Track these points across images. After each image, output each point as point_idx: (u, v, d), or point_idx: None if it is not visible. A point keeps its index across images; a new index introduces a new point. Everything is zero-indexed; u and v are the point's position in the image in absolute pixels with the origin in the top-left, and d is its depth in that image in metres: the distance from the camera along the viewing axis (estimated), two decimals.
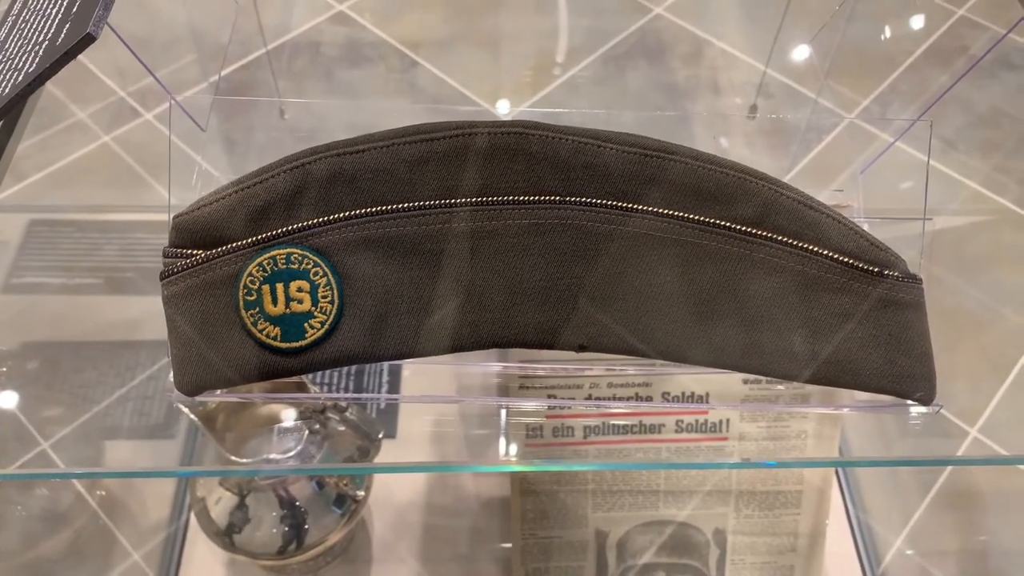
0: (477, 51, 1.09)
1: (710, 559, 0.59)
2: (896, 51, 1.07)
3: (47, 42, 0.30)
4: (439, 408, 0.72)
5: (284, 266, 0.31)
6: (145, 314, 0.82)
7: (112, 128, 0.97)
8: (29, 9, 0.33)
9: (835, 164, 0.88)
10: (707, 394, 0.56)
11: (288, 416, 0.56)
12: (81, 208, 0.91)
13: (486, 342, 0.31)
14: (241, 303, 0.31)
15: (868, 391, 0.32)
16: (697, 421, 0.56)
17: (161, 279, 0.32)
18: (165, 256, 0.33)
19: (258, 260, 0.31)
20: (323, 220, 0.31)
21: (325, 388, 0.68)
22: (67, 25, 0.29)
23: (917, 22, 1.11)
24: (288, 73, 1.03)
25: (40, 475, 0.69)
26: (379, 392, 0.70)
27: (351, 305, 0.31)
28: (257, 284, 0.31)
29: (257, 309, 0.31)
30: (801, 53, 0.98)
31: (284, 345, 0.31)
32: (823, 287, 0.31)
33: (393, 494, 0.69)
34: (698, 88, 1.05)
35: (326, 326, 0.31)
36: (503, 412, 0.56)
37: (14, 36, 0.33)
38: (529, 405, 0.53)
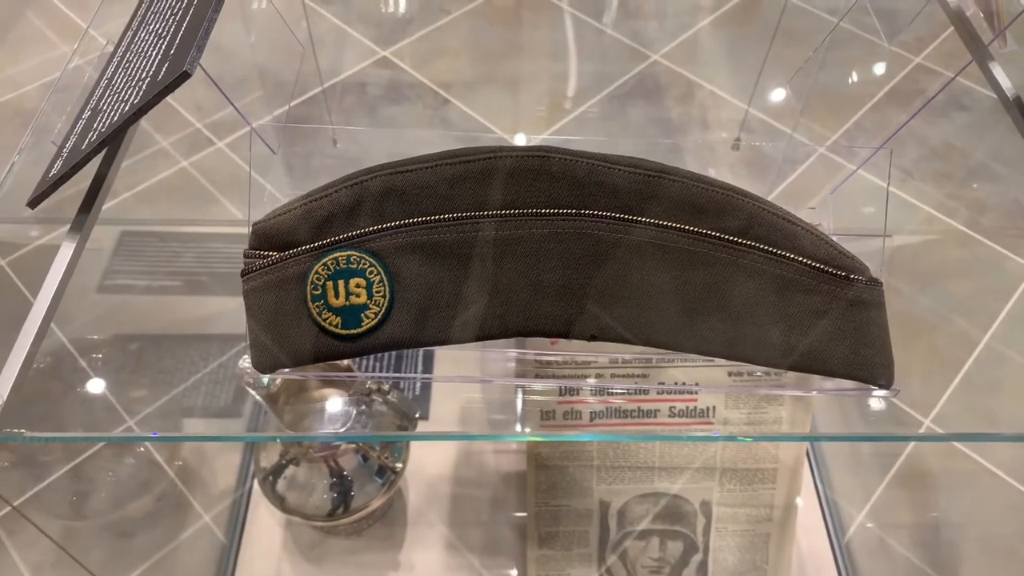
0: (499, 91, 1.10)
1: (697, 527, 0.59)
2: (861, 93, 1.07)
3: (149, 78, 0.31)
4: (466, 395, 0.73)
5: (345, 266, 0.31)
6: (216, 312, 0.83)
7: (190, 155, 0.99)
8: (132, 51, 0.34)
9: (807, 190, 0.89)
10: (696, 384, 0.56)
11: (339, 398, 0.57)
12: (163, 222, 0.92)
13: (511, 332, 0.32)
14: (308, 296, 0.32)
15: (836, 377, 0.33)
16: (688, 407, 0.56)
17: (242, 276, 0.33)
18: (245, 257, 0.34)
19: (323, 260, 0.32)
20: (377, 228, 0.32)
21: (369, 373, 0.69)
22: (166, 64, 0.30)
23: (879, 68, 1.11)
24: (339, 109, 1.05)
25: (139, 438, 0.70)
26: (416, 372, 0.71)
27: (400, 299, 0.32)
28: (322, 280, 0.32)
29: (322, 302, 0.32)
30: (779, 95, 0.98)
31: (344, 332, 0.32)
32: (798, 288, 0.32)
33: (425, 468, 0.69)
34: (689, 123, 1.06)
35: (379, 316, 0.32)
36: (520, 397, 0.56)
37: (120, 73, 0.34)
38: (543, 386, 0.53)
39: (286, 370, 0.33)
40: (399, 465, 0.61)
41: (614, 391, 0.56)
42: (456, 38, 1.17)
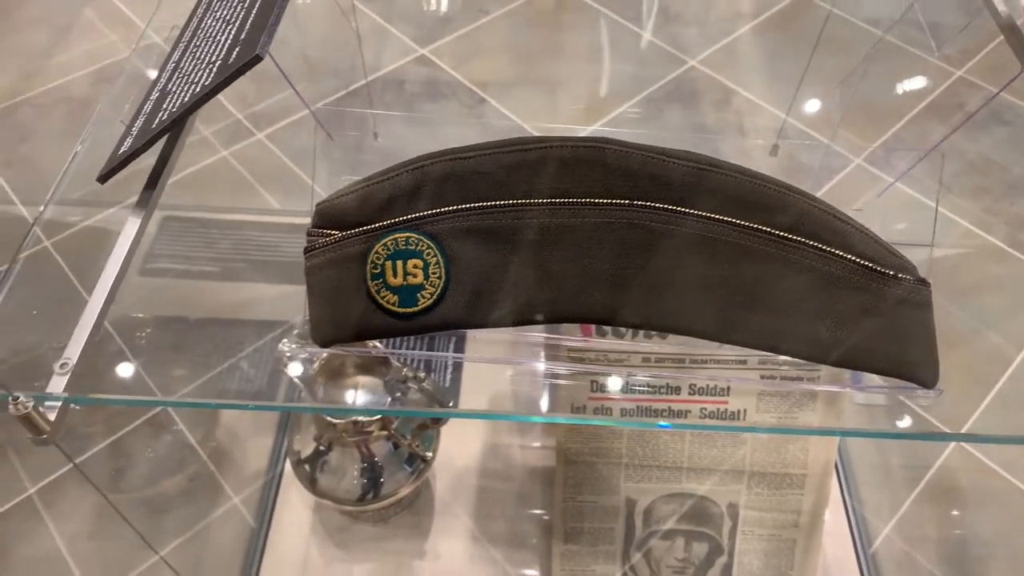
0: (535, 91, 1.11)
1: (723, 529, 0.60)
2: (900, 104, 1.07)
3: (219, 61, 0.32)
4: (495, 388, 0.73)
5: (404, 247, 0.32)
6: (251, 299, 0.85)
7: (230, 144, 1.01)
8: (199, 36, 0.35)
9: (843, 199, 0.88)
10: (728, 387, 0.56)
11: (375, 383, 0.57)
12: (202, 208, 0.94)
13: (560, 317, 0.33)
14: (368, 275, 0.33)
15: (881, 375, 0.33)
16: (718, 409, 0.56)
17: (305, 253, 0.34)
18: (308, 235, 0.35)
19: (383, 241, 0.33)
20: (436, 211, 0.33)
21: (401, 360, 0.69)
22: (236, 48, 0.32)
23: (920, 80, 1.11)
24: (379, 103, 1.06)
25: (196, 404, 0.71)
26: (447, 364, 0.71)
27: (454, 281, 0.33)
28: (382, 260, 0.32)
29: (381, 280, 0.33)
30: (817, 103, 0.98)
31: (400, 310, 0.33)
32: (846, 285, 0.32)
33: (453, 459, 0.70)
34: (726, 129, 1.06)
35: (434, 297, 0.32)
36: (548, 388, 0.57)
37: (187, 57, 0.35)
38: (571, 370, 0.54)
39: (341, 345, 0.34)
40: (429, 454, 0.62)
41: (640, 388, 0.56)
42: (494, 38, 1.18)
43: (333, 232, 0.34)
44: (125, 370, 0.74)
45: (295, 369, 0.55)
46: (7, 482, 0.72)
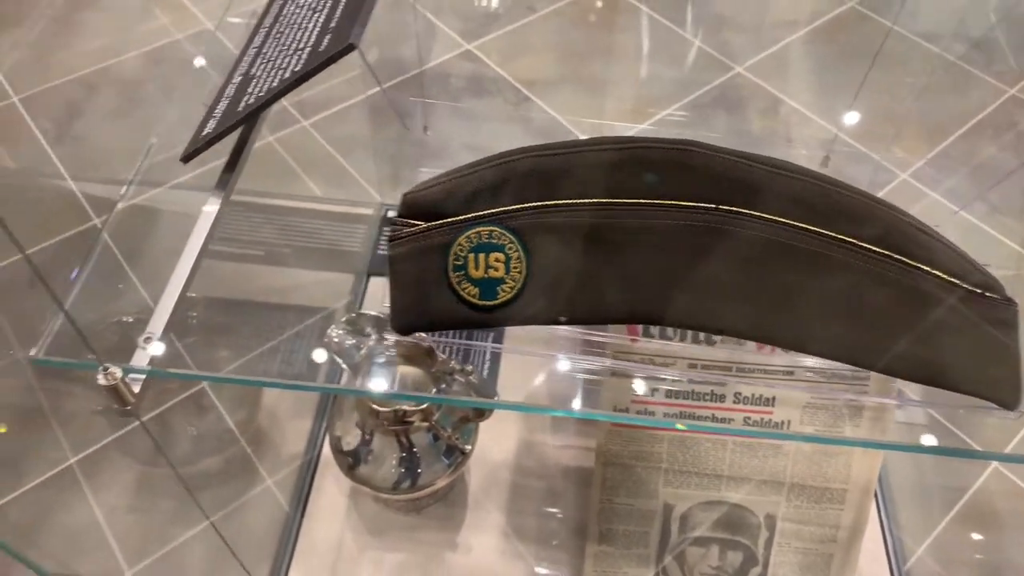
0: (580, 90, 1.11)
1: (759, 539, 0.59)
2: (950, 121, 1.05)
3: (309, 48, 0.32)
4: (531, 383, 0.73)
5: (487, 240, 0.33)
6: (292, 284, 0.86)
7: (276, 130, 1.02)
8: (282, 23, 0.36)
9: None
10: (774, 398, 0.56)
11: (420, 374, 0.58)
12: (246, 192, 0.95)
13: (637, 318, 0.33)
14: (450, 266, 0.33)
15: (963, 393, 0.32)
16: (762, 419, 0.56)
17: (389, 241, 0.35)
18: (393, 224, 0.35)
19: (467, 233, 0.33)
20: (519, 207, 0.33)
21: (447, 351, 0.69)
22: (327, 36, 0.32)
23: (970, 99, 1.09)
24: (426, 97, 1.07)
25: (257, 383, 0.72)
26: (485, 356, 0.71)
27: (534, 276, 0.33)
28: (464, 252, 0.33)
29: (462, 272, 0.33)
30: (868, 117, 0.97)
31: (480, 303, 0.33)
32: (931, 301, 0.32)
33: (488, 454, 0.70)
34: (772, 137, 1.05)
35: (514, 291, 0.33)
36: (581, 391, 0.56)
37: (271, 43, 0.35)
38: (621, 371, 0.54)
39: (421, 334, 0.34)
40: (468, 447, 0.62)
41: (685, 393, 0.56)
42: (540, 36, 1.18)
43: (418, 222, 0.34)
44: (164, 347, 0.75)
45: (343, 355, 0.56)
46: (49, 451, 0.74)
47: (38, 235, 0.88)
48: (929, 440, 0.51)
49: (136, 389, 0.31)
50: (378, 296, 0.83)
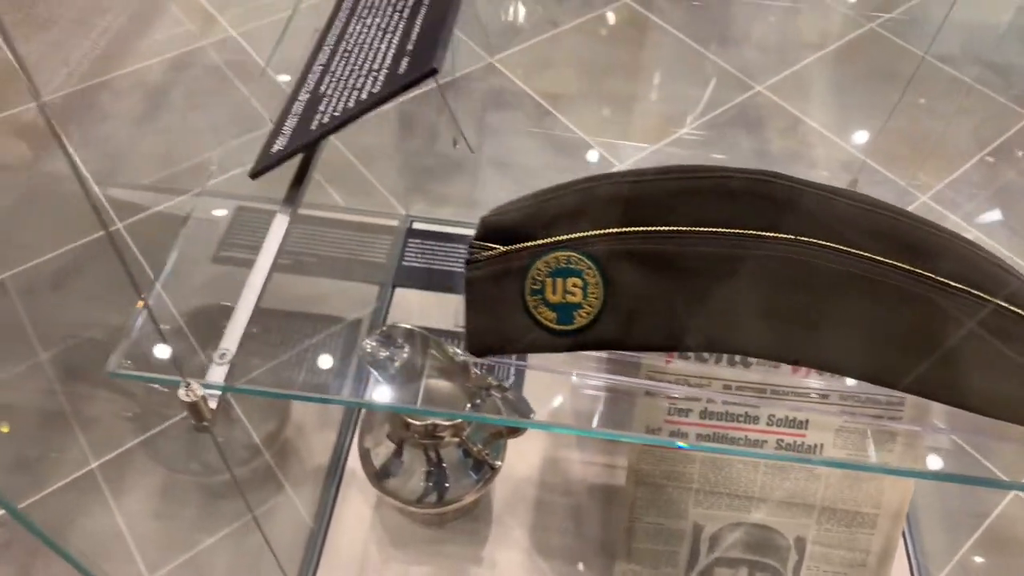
0: (600, 106, 1.11)
1: (788, 562, 0.59)
2: (970, 144, 1.06)
3: (386, 70, 0.32)
4: (557, 400, 0.73)
5: (565, 265, 0.33)
6: (317, 294, 0.86)
7: None
8: (349, 42, 0.36)
9: None
10: (807, 420, 0.56)
11: (453, 388, 0.58)
12: (273, 200, 0.95)
13: (714, 347, 0.33)
14: (528, 290, 0.33)
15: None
16: (795, 442, 0.56)
17: (467, 264, 0.35)
18: (471, 247, 0.35)
19: (545, 258, 0.33)
20: (598, 232, 0.33)
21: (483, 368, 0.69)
22: (405, 59, 0.32)
23: (990, 123, 1.10)
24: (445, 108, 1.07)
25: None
26: (510, 372, 0.71)
27: (611, 303, 0.33)
28: (542, 277, 0.33)
29: (540, 297, 0.33)
30: (891, 139, 0.98)
31: (557, 327, 0.33)
32: (1007, 338, 0.32)
33: (514, 469, 0.70)
34: (791, 158, 1.05)
35: (591, 317, 0.33)
36: (612, 409, 0.56)
37: (339, 62, 0.36)
38: (656, 392, 0.54)
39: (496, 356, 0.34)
40: (499, 463, 0.62)
41: (719, 414, 0.56)
42: (562, 52, 1.18)
43: (496, 246, 0.34)
44: (185, 353, 0.75)
45: (377, 367, 0.56)
46: (70, 454, 0.74)
47: (62, 237, 0.88)
48: (951, 467, 0.51)
49: (212, 405, 0.31)
50: (403, 307, 0.83)
